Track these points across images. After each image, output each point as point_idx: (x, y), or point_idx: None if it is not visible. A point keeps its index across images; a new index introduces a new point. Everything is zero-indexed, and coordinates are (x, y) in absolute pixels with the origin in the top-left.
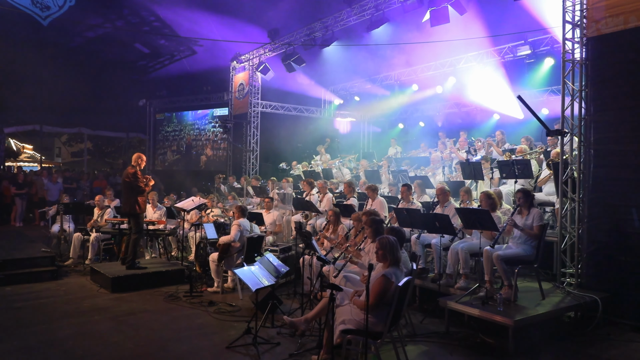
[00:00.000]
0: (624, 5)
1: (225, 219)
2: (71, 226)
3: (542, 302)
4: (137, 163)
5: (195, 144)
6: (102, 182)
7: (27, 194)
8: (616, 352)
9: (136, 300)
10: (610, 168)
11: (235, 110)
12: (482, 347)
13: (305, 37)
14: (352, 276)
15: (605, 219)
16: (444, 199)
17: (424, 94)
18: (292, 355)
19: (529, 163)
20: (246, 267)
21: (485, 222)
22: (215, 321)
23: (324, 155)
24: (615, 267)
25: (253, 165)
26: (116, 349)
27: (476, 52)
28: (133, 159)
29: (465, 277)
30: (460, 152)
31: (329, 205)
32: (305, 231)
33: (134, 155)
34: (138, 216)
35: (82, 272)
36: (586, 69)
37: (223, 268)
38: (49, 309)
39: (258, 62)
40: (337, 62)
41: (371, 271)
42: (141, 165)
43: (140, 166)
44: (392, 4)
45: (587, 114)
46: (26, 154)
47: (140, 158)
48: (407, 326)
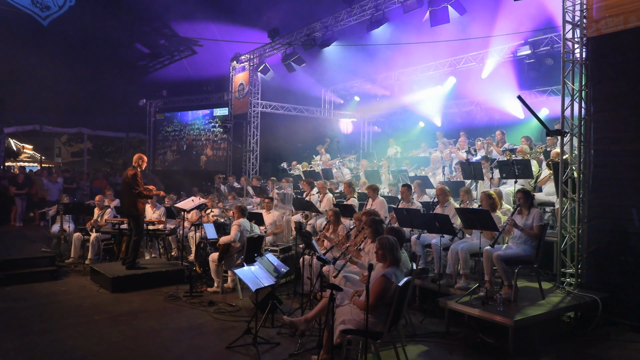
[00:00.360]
0: (624, 5)
1: (225, 219)
2: (71, 226)
3: (542, 302)
4: (138, 164)
5: (195, 144)
6: (102, 182)
7: (27, 194)
8: (616, 352)
9: (136, 300)
10: (610, 168)
11: (235, 110)
12: (482, 347)
13: (305, 37)
14: (352, 276)
15: (605, 219)
16: (444, 199)
17: (424, 94)
18: (292, 355)
19: (529, 163)
20: (246, 267)
21: (485, 222)
22: (215, 321)
23: (324, 155)
24: (615, 267)
25: (253, 165)
26: (116, 349)
27: (476, 52)
28: (134, 159)
29: (465, 277)
30: (460, 152)
31: (328, 205)
32: (305, 231)
33: (135, 156)
34: (138, 217)
35: (82, 272)
36: (586, 69)
37: (223, 268)
38: (49, 308)
39: (258, 62)
40: (337, 62)
41: (371, 271)
42: (142, 167)
43: (141, 167)
44: (392, 4)
45: (587, 114)
46: (26, 154)
47: (141, 159)
48: (407, 326)
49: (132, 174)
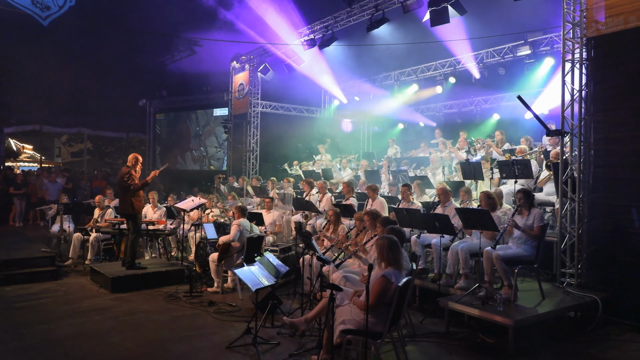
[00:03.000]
0: (624, 5)
1: (225, 219)
2: (71, 226)
3: (542, 302)
4: (132, 163)
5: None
6: (102, 182)
7: (25, 194)
8: (616, 352)
9: (136, 300)
10: (610, 168)
11: (235, 110)
12: (482, 347)
13: (305, 37)
14: (352, 276)
15: (605, 219)
16: (445, 199)
17: (424, 94)
18: (292, 355)
19: (529, 163)
20: (246, 267)
21: (486, 222)
22: (215, 321)
23: (324, 155)
24: (615, 267)
25: (253, 165)
26: (116, 349)
27: (476, 52)
28: (129, 159)
29: (465, 277)
30: (460, 152)
31: (328, 205)
32: (305, 231)
33: (130, 155)
34: (134, 216)
35: (82, 272)
36: (586, 69)
37: (223, 268)
38: (49, 309)
39: (258, 62)
40: (337, 62)
41: (371, 271)
42: (137, 167)
43: (135, 167)
44: (392, 4)
45: (587, 114)
46: (26, 154)
47: (135, 159)
48: (407, 326)
49: (126, 172)
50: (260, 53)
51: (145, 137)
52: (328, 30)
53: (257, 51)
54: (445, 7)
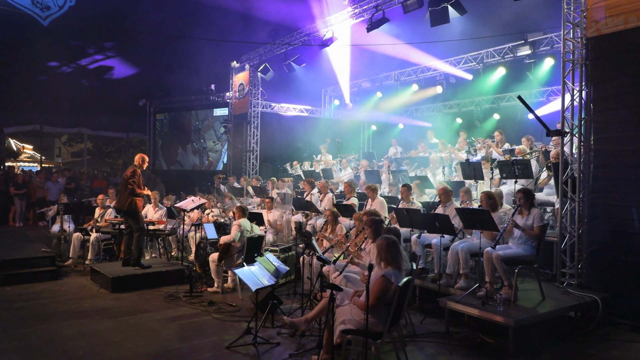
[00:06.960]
0: (624, 5)
1: (225, 219)
2: (71, 226)
3: (542, 302)
4: (139, 163)
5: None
6: (102, 182)
7: (25, 194)
8: (616, 352)
9: (136, 300)
10: (610, 168)
11: (235, 110)
12: (482, 347)
13: (305, 37)
14: (352, 276)
15: (605, 219)
16: (447, 199)
17: (424, 94)
18: (292, 355)
19: (529, 163)
20: (246, 267)
21: (486, 222)
22: (215, 321)
23: (324, 155)
24: (615, 267)
25: (253, 165)
26: (116, 349)
27: (476, 52)
28: (135, 159)
29: (465, 277)
30: (460, 152)
31: (329, 205)
32: (305, 231)
33: (137, 155)
34: (135, 213)
35: (82, 272)
36: (586, 69)
37: (223, 268)
38: (49, 309)
39: (258, 62)
40: (337, 62)
41: (371, 271)
42: (143, 167)
43: (142, 167)
44: (392, 4)
45: (587, 114)
46: (26, 154)
47: (142, 159)
48: (407, 326)
49: (132, 171)
50: (260, 53)
51: (145, 137)
52: (328, 30)
53: (257, 51)
54: (446, 7)
